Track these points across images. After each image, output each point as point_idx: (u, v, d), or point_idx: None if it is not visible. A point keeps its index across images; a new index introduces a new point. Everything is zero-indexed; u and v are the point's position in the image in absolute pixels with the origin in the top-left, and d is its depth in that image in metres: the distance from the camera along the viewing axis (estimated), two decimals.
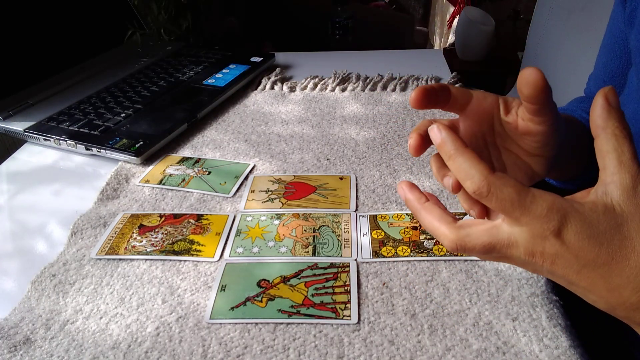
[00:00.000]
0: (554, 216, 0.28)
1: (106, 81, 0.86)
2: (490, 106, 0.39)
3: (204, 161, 0.67)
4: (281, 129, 0.74)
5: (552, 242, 0.28)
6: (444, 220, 0.32)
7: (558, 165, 0.45)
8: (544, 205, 0.28)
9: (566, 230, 0.28)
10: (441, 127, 0.32)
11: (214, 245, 0.51)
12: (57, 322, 0.44)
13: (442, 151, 0.31)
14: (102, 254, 0.51)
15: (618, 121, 0.29)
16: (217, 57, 0.95)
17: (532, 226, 0.28)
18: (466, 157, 0.30)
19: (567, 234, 0.28)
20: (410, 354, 0.39)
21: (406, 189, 0.35)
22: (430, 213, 0.33)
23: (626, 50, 0.55)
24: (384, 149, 0.67)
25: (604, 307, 0.30)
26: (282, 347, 0.41)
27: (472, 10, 1.81)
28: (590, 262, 0.28)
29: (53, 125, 0.72)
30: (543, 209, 0.28)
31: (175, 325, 0.43)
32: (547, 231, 0.28)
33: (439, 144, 0.31)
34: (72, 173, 0.67)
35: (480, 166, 0.29)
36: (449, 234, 0.31)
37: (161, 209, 0.58)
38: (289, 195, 0.59)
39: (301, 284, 0.46)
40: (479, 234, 0.31)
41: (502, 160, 0.42)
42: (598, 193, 0.29)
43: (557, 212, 0.28)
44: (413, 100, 0.36)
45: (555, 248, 0.28)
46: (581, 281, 0.29)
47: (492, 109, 0.39)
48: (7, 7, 0.79)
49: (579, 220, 0.28)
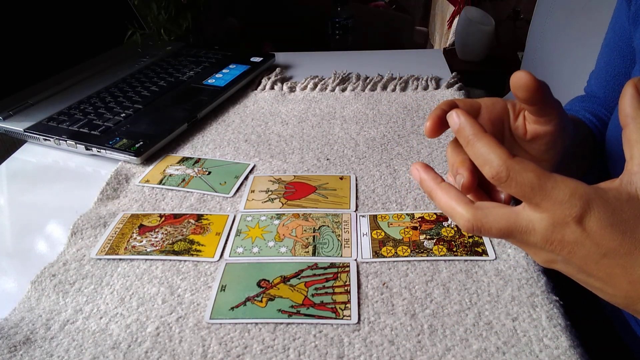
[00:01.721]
0: (577, 202, 0.27)
1: (106, 81, 0.86)
2: (500, 112, 0.39)
3: (204, 161, 0.67)
4: (281, 129, 0.74)
5: (572, 229, 0.27)
6: (462, 200, 0.31)
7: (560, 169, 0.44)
8: (566, 190, 0.27)
9: (588, 217, 0.27)
10: (460, 112, 0.31)
11: (214, 245, 0.51)
12: (57, 322, 0.44)
13: (460, 137, 0.31)
14: (102, 254, 0.51)
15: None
16: (217, 57, 0.95)
17: (553, 212, 0.27)
18: (485, 142, 0.29)
19: (590, 221, 0.27)
20: (410, 354, 0.39)
21: (421, 169, 0.34)
22: (446, 193, 0.32)
23: (630, 48, 0.54)
24: (384, 149, 0.67)
25: (623, 302, 0.29)
26: (282, 347, 0.41)
27: (472, 10, 1.81)
28: (611, 251, 0.27)
29: (53, 125, 0.72)
30: (565, 194, 0.27)
31: (175, 325, 0.43)
32: (569, 217, 0.27)
33: (458, 130, 0.31)
34: (72, 173, 0.67)
35: (499, 150, 0.28)
36: (466, 213, 0.30)
37: (161, 209, 0.58)
38: (289, 195, 0.59)
39: (301, 284, 0.46)
40: (497, 217, 0.30)
41: None
42: (623, 181, 0.28)
43: (579, 198, 0.27)
44: (428, 131, 0.35)
45: (576, 235, 0.27)
46: (599, 271, 0.28)
47: (502, 115, 0.39)
48: (7, 7, 0.79)
49: (602, 207, 0.27)
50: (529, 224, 0.29)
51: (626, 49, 0.55)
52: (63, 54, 0.87)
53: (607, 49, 0.58)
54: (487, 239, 0.51)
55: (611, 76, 0.58)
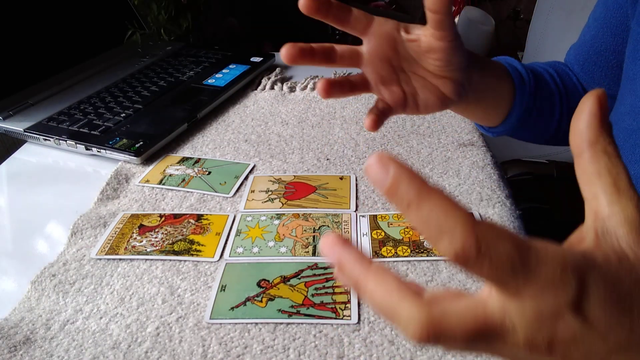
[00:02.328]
0: (570, 280, 0.18)
1: (106, 81, 0.86)
2: (391, 29, 0.42)
3: (204, 161, 0.67)
4: (281, 129, 0.74)
5: (568, 321, 0.19)
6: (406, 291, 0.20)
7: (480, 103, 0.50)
8: (556, 265, 0.18)
9: (587, 299, 0.19)
10: (387, 159, 0.19)
11: (214, 245, 0.51)
12: (57, 322, 0.44)
13: (394, 199, 0.19)
14: (102, 254, 0.51)
15: (610, 136, 0.22)
16: (217, 57, 0.95)
17: (540, 300, 0.19)
18: (436, 202, 0.19)
19: (590, 305, 0.19)
20: (410, 354, 0.39)
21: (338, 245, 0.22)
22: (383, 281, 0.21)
23: (622, 26, 0.52)
24: (384, 149, 0.67)
25: None
26: (282, 347, 0.41)
27: (472, 10, 1.82)
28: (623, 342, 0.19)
29: (53, 125, 0.72)
30: (555, 270, 0.18)
31: (175, 325, 0.43)
32: (563, 305, 0.19)
33: (389, 189, 0.19)
34: (72, 173, 0.67)
35: (459, 213, 0.18)
36: (417, 313, 0.20)
37: (161, 209, 0.58)
38: (289, 195, 0.59)
39: (301, 284, 0.46)
40: (461, 314, 0.20)
41: (412, 84, 0.44)
42: (598, 233, 0.21)
43: (573, 272, 0.19)
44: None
45: (574, 329, 0.19)
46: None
47: (393, 31, 0.42)
48: (7, 7, 0.79)
49: (600, 281, 0.19)
50: (504, 320, 0.19)
51: (618, 26, 0.53)
52: (63, 54, 0.87)
53: (596, 24, 0.56)
54: None
55: (595, 51, 0.56)
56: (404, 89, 0.44)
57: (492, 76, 0.50)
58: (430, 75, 0.43)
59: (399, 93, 0.44)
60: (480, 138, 0.69)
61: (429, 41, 0.41)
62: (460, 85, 0.44)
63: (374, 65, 0.43)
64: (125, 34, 0.97)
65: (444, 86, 0.44)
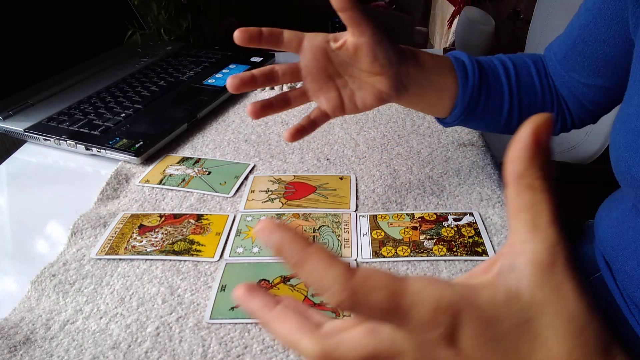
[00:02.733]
0: (442, 319, 0.21)
1: (106, 81, 0.86)
2: (321, 41, 0.46)
3: (204, 161, 0.67)
4: (281, 129, 0.74)
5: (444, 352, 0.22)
6: (304, 328, 0.24)
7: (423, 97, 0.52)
8: (428, 306, 0.21)
9: (459, 334, 0.21)
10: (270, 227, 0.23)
11: (214, 245, 0.51)
12: (57, 322, 0.44)
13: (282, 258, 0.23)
14: (102, 254, 0.51)
15: (541, 168, 0.22)
16: (217, 57, 0.95)
17: (417, 334, 0.22)
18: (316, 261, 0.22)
19: (462, 340, 0.21)
20: None
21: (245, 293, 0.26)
22: (285, 321, 0.25)
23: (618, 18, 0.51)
24: (384, 149, 0.67)
25: None
26: (282, 347, 0.41)
27: (472, 10, 1.82)
28: None
29: (53, 125, 0.72)
30: (427, 311, 0.21)
31: (175, 325, 0.43)
32: (437, 338, 0.21)
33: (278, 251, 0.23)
34: (72, 173, 0.67)
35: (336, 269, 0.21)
36: (312, 345, 0.24)
37: (161, 209, 0.58)
38: (289, 195, 0.59)
39: (301, 284, 0.46)
40: (353, 342, 0.23)
41: (349, 87, 0.48)
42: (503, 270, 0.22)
43: (444, 313, 0.21)
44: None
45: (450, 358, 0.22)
46: None
47: (323, 43, 0.46)
48: (7, 6, 0.79)
49: (475, 320, 0.21)
50: (394, 343, 0.23)
51: (613, 16, 0.52)
52: (63, 54, 0.87)
53: (588, 13, 0.55)
54: (488, 238, 0.51)
55: (583, 40, 0.54)
56: (341, 93, 0.48)
57: (432, 71, 0.51)
58: (365, 75, 0.46)
59: (335, 98, 0.48)
60: (480, 138, 0.69)
61: (352, 41, 0.44)
62: (396, 80, 0.47)
63: (312, 76, 0.47)
64: (125, 34, 0.97)
65: (379, 83, 0.47)
